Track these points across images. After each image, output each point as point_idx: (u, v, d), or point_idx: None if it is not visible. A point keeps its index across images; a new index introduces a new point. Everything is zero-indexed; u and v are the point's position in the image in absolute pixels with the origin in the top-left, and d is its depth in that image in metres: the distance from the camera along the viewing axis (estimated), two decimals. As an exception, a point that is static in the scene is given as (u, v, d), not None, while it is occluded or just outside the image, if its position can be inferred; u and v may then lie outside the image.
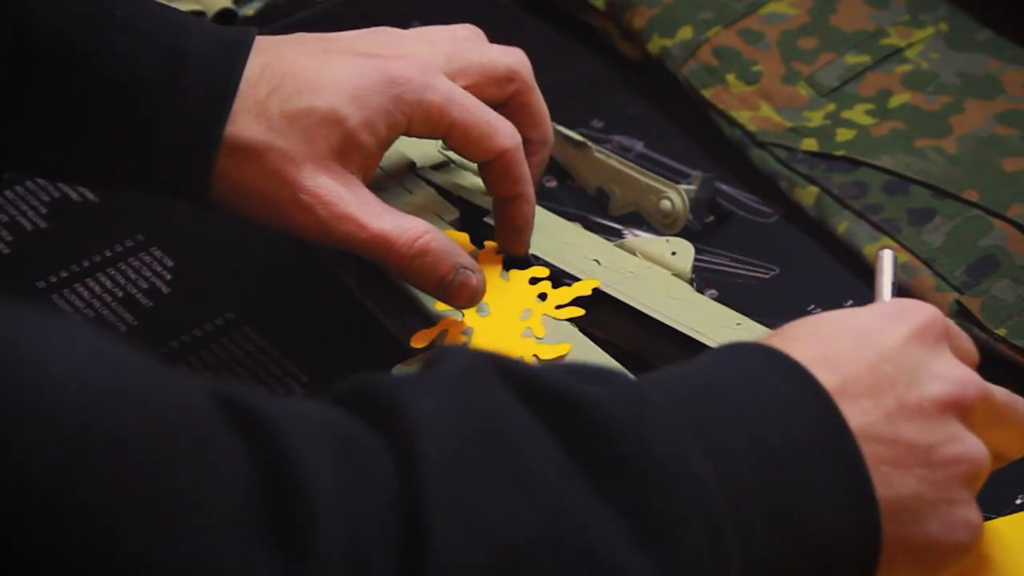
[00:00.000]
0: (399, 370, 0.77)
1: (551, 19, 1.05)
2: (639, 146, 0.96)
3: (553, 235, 0.84)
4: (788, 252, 0.89)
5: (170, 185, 0.77)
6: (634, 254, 0.82)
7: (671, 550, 0.54)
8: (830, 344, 0.62)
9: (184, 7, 0.99)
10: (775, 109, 0.93)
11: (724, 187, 0.92)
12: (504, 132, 0.79)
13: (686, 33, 0.97)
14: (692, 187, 0.89)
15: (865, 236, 0.87)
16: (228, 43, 0.77)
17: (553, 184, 0.94)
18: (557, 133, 0.92)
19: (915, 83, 0.94)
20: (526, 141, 0.81)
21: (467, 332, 0.78)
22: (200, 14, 0.99)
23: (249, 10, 1.07)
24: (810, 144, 0.91)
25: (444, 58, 0.80)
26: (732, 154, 0.94)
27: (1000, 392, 0.67)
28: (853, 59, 0.95)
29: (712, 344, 0.76)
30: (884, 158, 0.89)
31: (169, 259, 0.89)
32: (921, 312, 0.65)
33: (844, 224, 0.88)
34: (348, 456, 0.51)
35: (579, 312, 0.79)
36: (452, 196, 0.85)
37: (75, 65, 0.75)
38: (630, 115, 0.98)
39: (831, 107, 0.93)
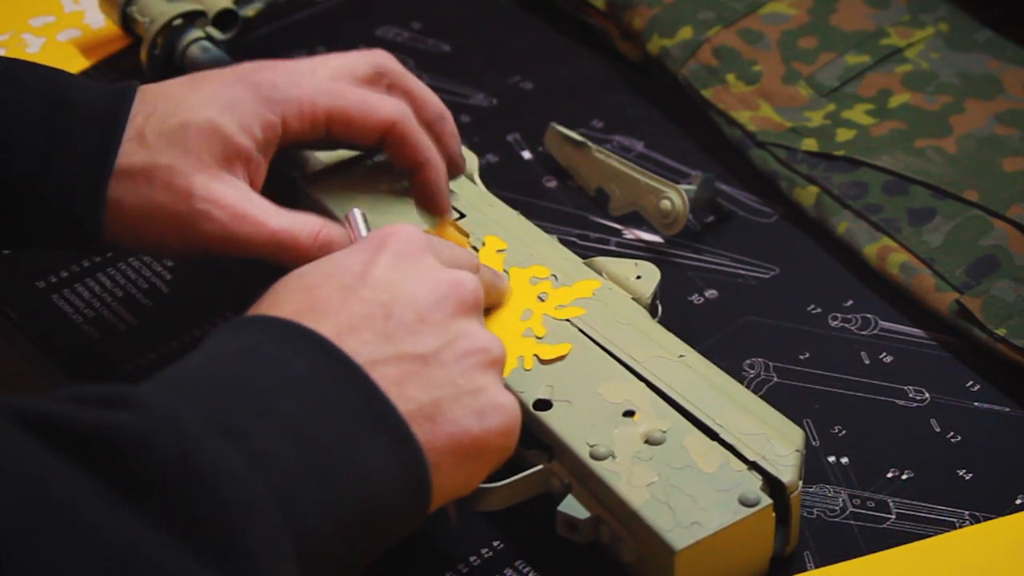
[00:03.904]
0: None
1: (551, 19, 1.05)
2: (639, 146, 0.96)
3: (520, 247, 0.83)
4: (788, 252, 0.89)
5: (62, 224, 0.77)
6: (600, 273, 0.82)
7: (233, 557, 0.55)
8: (316, 293, 0.66)
9: (184, 7, 0.99)
10: (775, 109, 0.93)
11: (724, 187, 0.92)
12: (385, 108, 0.81)
13: (686, 33, 0.97)
14: (692, 187, 0.89)
15: (865, 236, 0.87)
16: (113, 91, 0.79)
17: (553, 184, 0.94)
18: (557, 133, 0.92)
19: (915, 83, 0.94)
20: (425, 123, 0.83)
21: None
22: (200, 14, 0.99)
23: (249, 11, 1.07)
24: (810, 144, 0.91)
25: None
26: (732, 154, 0.94)
27: (486, 272, 0.76)
28: (853, 59, 0.95)
29: (644, 373, 0.75)
30: (884, 158, 0.89)
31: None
32: (397, 233, 0.69)
33: (844, 224, 0.88)
34: None
35: (580, 312, 0.79)
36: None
37: None
38: (630, 115, 0.98)
39: (831, 107, 0.93)
